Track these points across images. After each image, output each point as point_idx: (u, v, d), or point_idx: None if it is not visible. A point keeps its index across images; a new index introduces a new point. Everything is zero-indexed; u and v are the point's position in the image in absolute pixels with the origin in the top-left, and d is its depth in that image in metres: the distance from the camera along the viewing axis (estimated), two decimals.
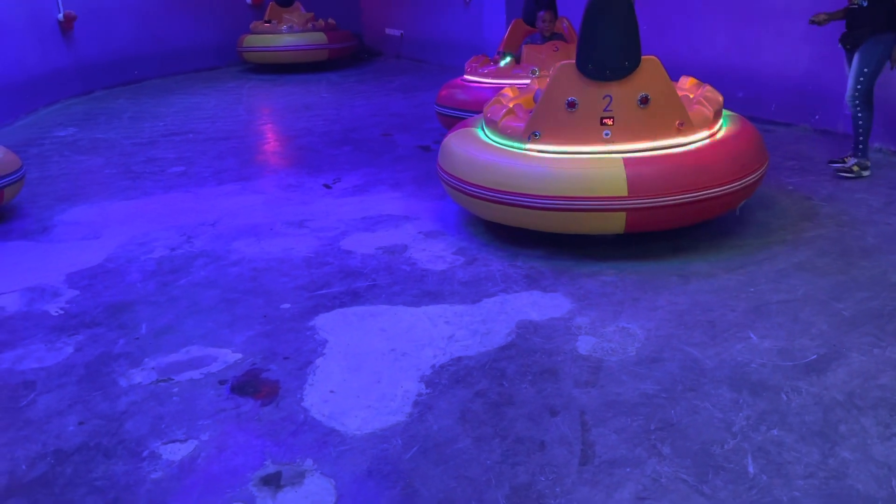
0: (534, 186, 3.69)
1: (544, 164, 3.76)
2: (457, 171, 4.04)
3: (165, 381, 2.87)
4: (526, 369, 2.83)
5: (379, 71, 10.96)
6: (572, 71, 3.79)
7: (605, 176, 3.62)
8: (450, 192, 4.21)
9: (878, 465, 2.26)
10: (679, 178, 3.64)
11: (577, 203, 3.64)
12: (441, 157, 4.29)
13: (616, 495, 2.19)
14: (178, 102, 8.92)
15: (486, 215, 4.03)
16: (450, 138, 4.32)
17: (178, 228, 4.55)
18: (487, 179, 3.83)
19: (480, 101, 5.41)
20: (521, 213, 3.77)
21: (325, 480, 2.29)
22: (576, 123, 3.79)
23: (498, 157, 3.89)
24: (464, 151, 4.07)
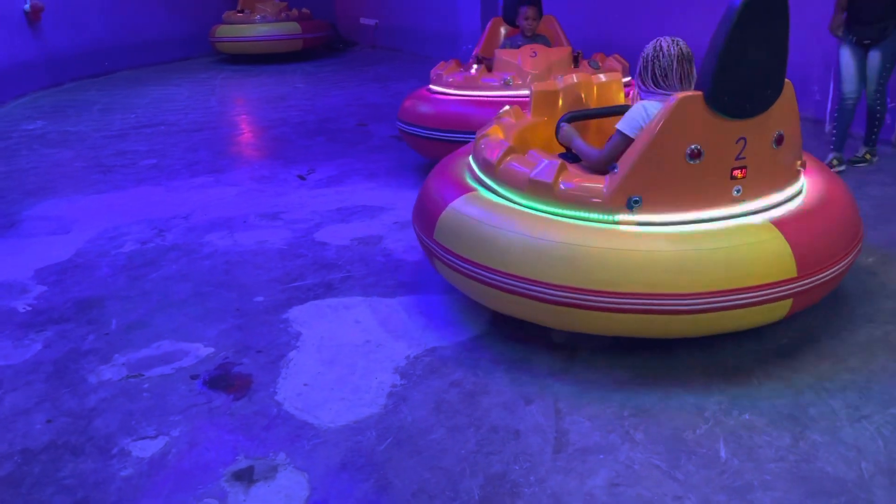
0: (652, 282, 2.47)
1: (664, 245, 2.51)
2: (488, 258, 2.69)
3: (136, 376, 2.82)
4: (500, 358, 2.83)
5: (354, 61, 10.88)
6: (698, 106, 2.53)
7: (768, 254, 2.54)
8: (466, 285, 2.87)
9: (848, 447, 2.29)
10: (841, 237, 2.77)
11: (727, 299, 2.48)
12: (444, 231, 2.88)
13: (589, 482, 2.19)
14: (150, 94, 8.79)
15: (560, 323, 2.73)
16: (460, 206, 2.89)
17: (150, 222, 4.48)
18: (562, 275, 2.54)
19: (447, 117, 4.76)
20: (631, 320, 2.54)
21: (298, 474, 2.27)
22: (698, 180, 2.60)
23: (575, 238, 2.57)
24: (501, 227, 2.70)
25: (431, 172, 3.40)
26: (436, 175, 3.31)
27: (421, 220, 3.13)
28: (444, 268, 2.96)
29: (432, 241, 2.96)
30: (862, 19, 4.65)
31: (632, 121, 2.79)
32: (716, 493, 2.13)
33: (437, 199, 3.05)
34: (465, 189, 3.01)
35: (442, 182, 3.18)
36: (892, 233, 3.84)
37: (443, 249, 2.89)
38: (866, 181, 4.70)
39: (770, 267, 2.52)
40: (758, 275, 2.50)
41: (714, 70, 2.48)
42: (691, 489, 2.15)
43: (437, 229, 2.92)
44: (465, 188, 3.02)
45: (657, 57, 2.81)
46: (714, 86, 2.50)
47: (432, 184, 3.21)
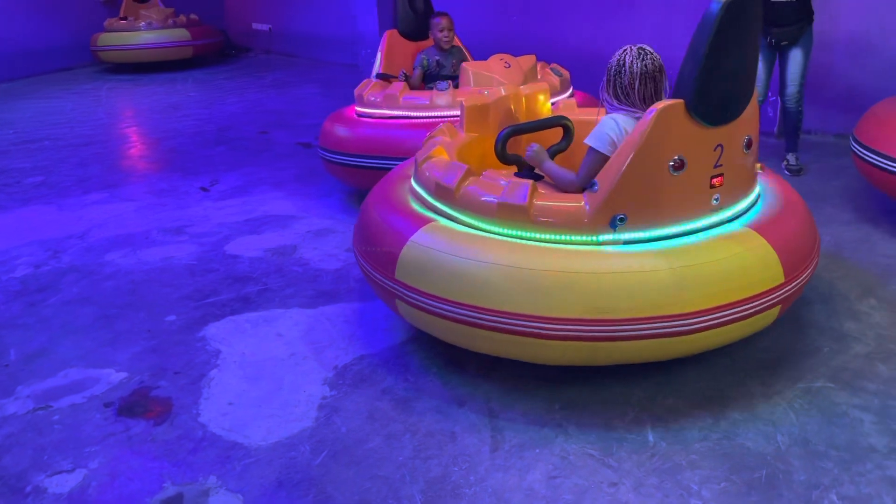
0: (652, 304, 2.34)
1: (660, 264, 2.39)
2: (465, 294, 2.45)
3: (44, 408, 2.64)
4: (430, 362, 2.83)
5: (249, 67, 10.59)
6: (679, 116, 2.42)
7: (758, 262, 2.50)
8: (439, 326, 2.59)
9: (765, 422, 2.43)
10: (810, 236, 2.79)
11: (726, 314, 2.42)
12: (407, 269, 2.58)
13: (528, 477, 2.23)
14: (30, 107, 8.24)
15: (548, 357, 2.53)
16: (422, 239, 2.59)
17: (42, 243, 4.20)
18: (555, 305, 2.35)
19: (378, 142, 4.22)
20: (631, 347, 2.40)
21: (232, 496, 2.19)
22: (681, 191, 2.50)
23: (562, 262, 2.40)
24: (474, 259, 2.46)
25: (369, 203, 3.01)
26: (378, 206, 2.92)
27: (373, 259, 2.75)
28: (409, 309, 2.63)
29: (393, 282, 2.62)
30: (779, 22, 4.69)
31: (602, 136, 2.60)
32: (648, 476, 2.21)
33: (391, 235, 2.68)
34: (421, 220, 2.69)
35: (390, 214, 2.81)
36: None
37: (408, 289, 2.57)
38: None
39: (762, 275, 2.49)
40: (752, 284, 2.46)
41: (696, 77, 2.38)
42: (625, 475, 2.22)
43: (399, 268, 2.58)
44: (421, 218, 2.70)
45: (619, 73, 2.61)
46: (696, 94, 2.40)
47: (379, 217, 2.84)
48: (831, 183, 4.70)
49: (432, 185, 2.76)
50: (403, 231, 2.66)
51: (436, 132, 3.18)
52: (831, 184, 4.69)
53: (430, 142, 3.09)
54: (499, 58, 4.34)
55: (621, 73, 2.61)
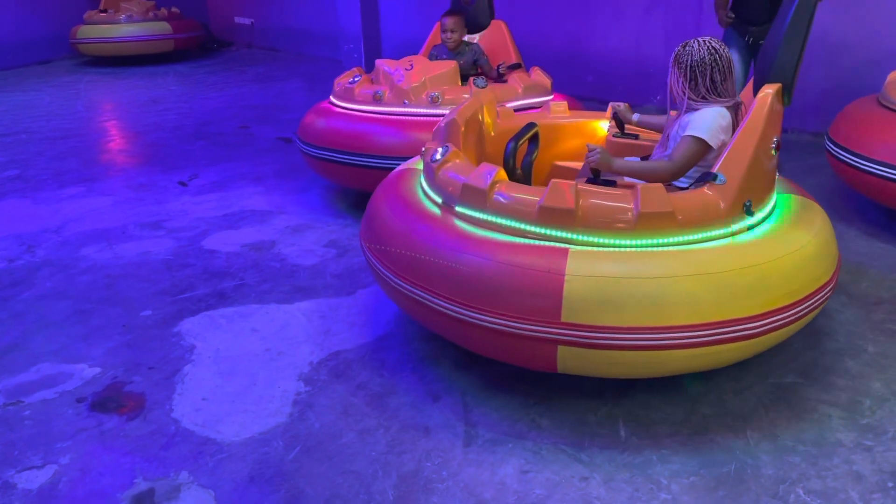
0: (811, 278, 2.44)
1: (807, 240, 2.49)
2: (657, 316, 2.23)
3: (14, 404, 2.62)
4: (406, 357, 2.83)
5: (230, 61, 10.53)
6: (777, 99, 2.60)
7: (830, 228, 2.72)
8: (624, 361, 2.32)
9: (734, 417, 2.45)
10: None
11: (833, 284, 2.61)
12: (582, 307, 2.24)
13: (500, 471, 2.24)
14: (6, 100, 8.14)
15: (729, 360, 2.46)
16: (584, 269, 2.26)
17: (16, 238, 4.16)
18: (753, 302, 2.30)
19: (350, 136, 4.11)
20: (789, 329, 2.44)
21: (204, 492, 2.18)
22: (772, 171, 2.68)
23: (744, 257, 2.34)
24: (651, 275, 2.25)
25: (421, 253, 2.51)
26: (462, 252, 2.41)
27: (520, 308, 2.30)
28: (583, 352, 2.29)
29: (562, 326, 2.26)
30: (754, 20, 4.72)
31: (713, 128, 2.62)
32: (619, 470, 2.23)
33: (534, 275, 2.28)
34: (551, 252, 2.32)
35: (499, 252, 2.36)
36: None
37: (585, 329, 2.24)
38: None
39: (833, 246, 2.68)
40: (834, 253, 2.67)
41: (796, 61, 2.58)
42: (596, 469, 2.24)
43: (567, 308, 2.23)
44: (551, 250, 2.33)
45: (715, 62, 2.61)
46: (792, 77, 2.60)
47: (489, 261, 2.35)
48: (806, 181, 4.74)
49: (529, 210, 2.40)
50: (544, 266, 2.28)
51: (448, 156, 2.75)
52: (806, 182, 4.72)
53: (456, 166, 2.71)
54: (407, 59, 4.34)
55: (718, 61, 2.62)
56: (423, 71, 4.20)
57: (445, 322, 2.48)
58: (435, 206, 2.68)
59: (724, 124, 2.66)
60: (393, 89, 4.18)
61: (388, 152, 3.98)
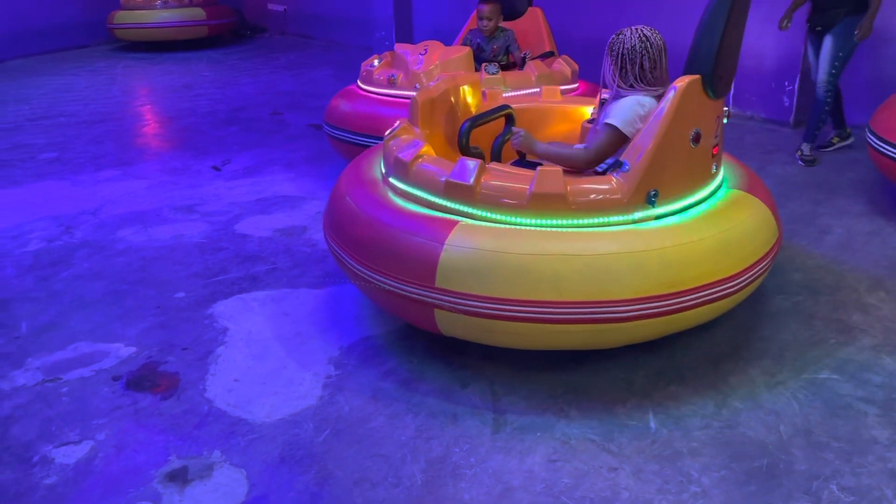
0: (699, 273, 2.43)
1: (705, 233, 2.50)
2: (531, 289, 2.35)
3: (52, 380, 2.68)
4: (434, 344, 2.84)
5: (263, 48, 10.59)
6: (697, 90, 2.56)
7: (766, 222, 2.73)
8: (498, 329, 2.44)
9: (767, 411, 2.43)
10: (773, 199, 3.04)
11: (753, 273, 2.61)
12: (453, 274, 2.40)
13: (528, 459, 2.24)
14: (45, 84, 8.29)
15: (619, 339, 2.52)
16: (462, 241, 2.42)
17: (55, 219, 4.24)
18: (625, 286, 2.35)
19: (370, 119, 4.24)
20: (687, 317, 2.48)
21: (235, 471, 2.22)
22: (696, 163, 2.65)
23: (624, 243, 2.40)
24: (532, 252, 2.36)
25: (341, 212, 2.82)
26: (366, 214, 2.68)
27: (401, 270, 2.49)
28: (457, 317, 2.44)
29: (436, 291, 2.42)
30: (817, 6, 4.70)
31: (628, 117, 2.63)
32: (648, 462, 2.22)
33: (417, 242, 2.47)
34: (442, 223, 2.50)
35: (395, 219, 2.58)
36: (795, 209, 4.08)
37: (457, 296, 2.39)
38: (769, 160, 4.97)
39: (770, 233, 2.72)
40: (766, 242, 2.69)
41: (716, 52, 2.52)
42: (625, 460, 2.23)
43: (441, 274, 2.39)
44: (443, 222, 2.50)
45: (646, 49, 2.61)
46: (713, 68, 2.54)
47: (384, 225, 2.58)
48: (845, 175, 4.66)
49: (438, 183, 2.58)
50: (431, 236, 2.45)
51: (398, 132, 2.94)
52: (845, 175, 4.64)
53: (399, 140, 2.87)
54: (425, 44, 4.46)
55: (641, 54, 2.62)
56: (436, 56, 4.29)
57: (358, 281, 2.71)
58: (380, 177, 2.91)
59: (643, 113, 2.64)
60: (407, 73, 4.33)
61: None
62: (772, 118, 5.93)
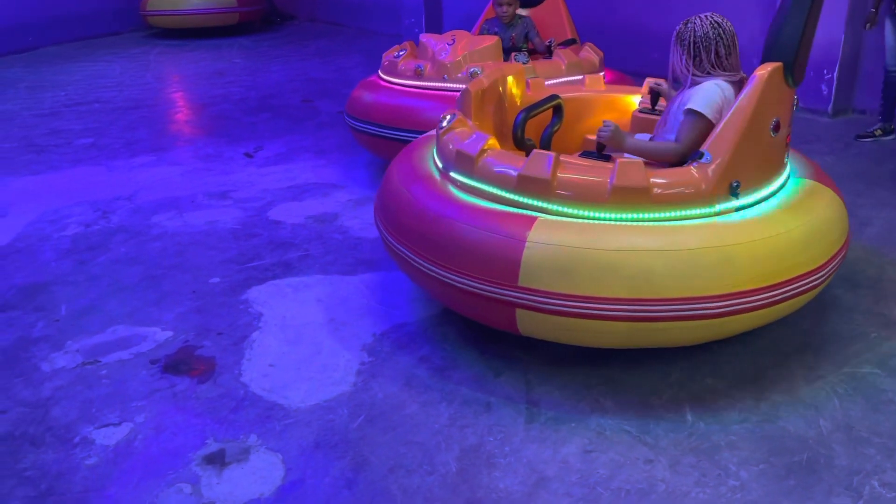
0: (796, 264, 2.39)
1: (792, 224, 2.43)
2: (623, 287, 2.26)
3: (92, 363, 2.73)
4: (467, 333, 2.84)
5: (293, 35, 10.62)
6: (778, 78, 2.50)
7: (842, 212, 2.69)
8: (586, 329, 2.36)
9: (806, 406, 2.39)
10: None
11: (836, 263, 2.59)
12: (538, 271, 2.32)
13: (563, 450, 2.23)
14: (80, 70, 8.39)
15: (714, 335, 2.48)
16: (545, 237, 2.33)
17: (92, 203, 4.30)
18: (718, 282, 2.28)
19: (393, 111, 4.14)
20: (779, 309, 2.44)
21: (272, 455, 2.24)
22: (772, 154, 2.59)
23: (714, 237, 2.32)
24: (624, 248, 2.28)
25: (402, 210, 2.71)
26: (434, 211, 2.57)
27: (480, 269, 2.40)
28: (540, 317, 2.36)
29: (519, 290, 2.34)
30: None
31: (711, 102, 2.58)
32: (685, 454, 2.20)
33: (497, 239, 2.37)
34: (521, 219, 2.41)
35: (469, 216, 2.48)
36: None
37: (541, 294, 2.31)
38: (807, 150, 4.87)
39: (845, 222, 2.68)
40: (844, 231, 2.65)
41: (799, 39, 2.46)
42: (661, 452, 2.21)
43: (525, 272, 2.31)
44: (521, 218, 2.41)
45: (719, 36, 2.58)
46: (795, 56, 2.48)
47: (457, 223, 2.48)
48: (886, 166, 4.56)
49: (510, 178, 2.48)
50: (511, 233, 2.36)
51: (454, 125, 2.84)
52: (885, 166, 4.55)
53: (457, 133, 2.77)
54: (452, 34, 4.35)
55: (714, 41, 2.59)
56: (465, 46, 4.19)
57: (426, 281, 2.61)
58: (437, 172, 2.80)
59: (725, 97, 2.59)
60: (434, 64, 4.21)
61: (426, 127, 3.85)
62: (809, 107, 5.81)
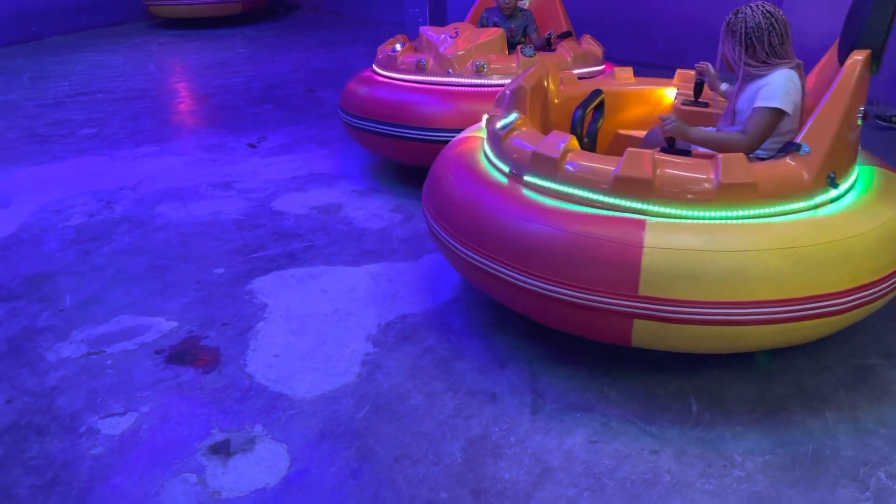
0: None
1: (884, 217, 2.35)
2: (759, 288, 2.16)
3: (97, 353, 2.73)
4: (472, 323, 2.83)
5: (297, 25, 10.59)
6: (865, 66, 2.45)
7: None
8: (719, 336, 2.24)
9: (812, 396, 2.38)
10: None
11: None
12: (662, 279, 2.18)
13: (568, 440, 2.23)
14: (83, 60, 8.39)
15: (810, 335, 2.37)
16: (664, 240, 2.20)
17: (96, 194, 4.30)
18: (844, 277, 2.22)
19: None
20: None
21: (277, 445, 2.24)
22: (856, 142, 2.56)
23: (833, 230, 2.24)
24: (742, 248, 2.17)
25: (481, 223, 2.50)
26: (526, 222, 2.38)
27: (591, 280, 2.24)
28: (662, 326, 2.23)
29: (639, 300, 2.20)
30: None
31: (786, 94, 2.52)
32: (690, 445, 2.20)
33: (610, 247, 2.21)
34: (628, 223, 2.25)
35: (568, 224, 2.31)
36: None
37: (664, 303, 2.18)
38: None
39: None
40: None
41: (888, 26, 2.41)
42: (666, 443, 2.21)
43: (646, 281, 2.18)
44: (628, 222, 2.26)
45: (772, 25, 2.53)
46: (882, 43, 2.43)
47: (556, 232, 2.31)
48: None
49: (604, 179, 2.34)
50: (621, 237, 2.22)
51: (519, 123, 2.70)
52: None
53: (525, 134, 2.64)
54: (455, 26, 4.19)
55: (774, 25, 2.53)
56: (468, 39, 4.04)
57: (512, 291, 2.45)
58: (501, 176, 2.63)
59: (796, 88, 2.56)
60: (437, 58, 4.03)
61: (431, 123, 3.83)
62: None
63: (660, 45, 6.90)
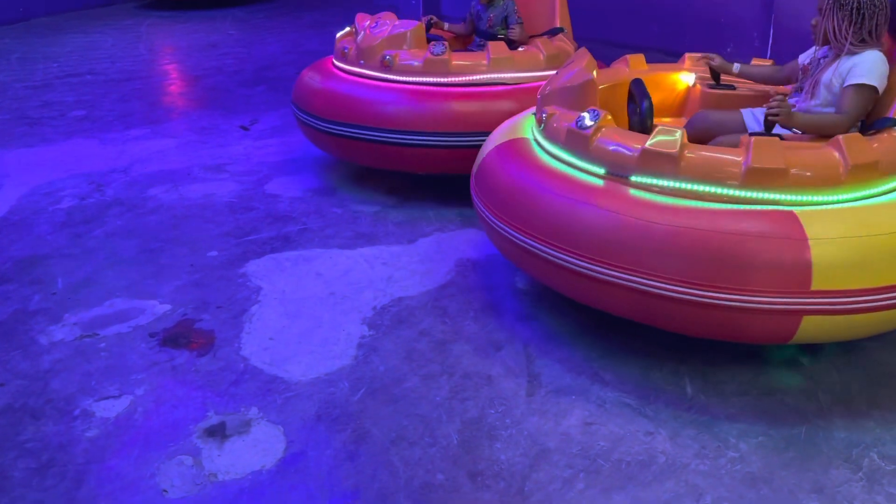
0: None
1: None
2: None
3: (90, 336, 2.71)
4: (468, 306, 2.83)
5: (287, 6, 10.48)
6: None
7: None
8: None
9: (806, 378, 2.40)
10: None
11: None
12: (827, 273, 2.09)
13: (564, 422, 2.24)
14: (72, 42, 8.27)
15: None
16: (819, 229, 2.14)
17: (86, 176, 4.26)
18: None
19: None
20: None
21: (273, 427, 2.24)
22: None
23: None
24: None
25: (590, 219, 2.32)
26: (679, 230, 2.18)
27: (759, 281, 2.11)
28: (833, 320, 2.15)
29: (812, 295, 2.10)
30: None
31: (880, 73, 2.56)
32: (685, 427, 2.21)
33: (775, 245, 2.10)
34: (778, 216, 2.16)
35: (722, 224, 2.16)
36: None
37: (838, 296, 2.10)
38: None
39: None
40: None
41: None
42: (661, 424, 2.22)
43: (819, 275, 2.08)
44: (777, 215, 2.16)
45: (884, 5, 2.55)
46: None
47: (713, 235, 2.15)
48: None
49: (731, 171, 2.24)
50: (788, 233, 2.11)
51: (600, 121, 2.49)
52: None
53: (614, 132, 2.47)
54: (381, 16, 3.91)
55: (879, 9, 2.55)
56: (382, 30, 3.76)
57: (645, 302, 2.26)
58: (594, 178, 2.41)
59: (886, 70, 2.59)
60: (356, 47, 3.81)
61: (342, 119, 3.65)
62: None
63: (653, 28, 6.87)
